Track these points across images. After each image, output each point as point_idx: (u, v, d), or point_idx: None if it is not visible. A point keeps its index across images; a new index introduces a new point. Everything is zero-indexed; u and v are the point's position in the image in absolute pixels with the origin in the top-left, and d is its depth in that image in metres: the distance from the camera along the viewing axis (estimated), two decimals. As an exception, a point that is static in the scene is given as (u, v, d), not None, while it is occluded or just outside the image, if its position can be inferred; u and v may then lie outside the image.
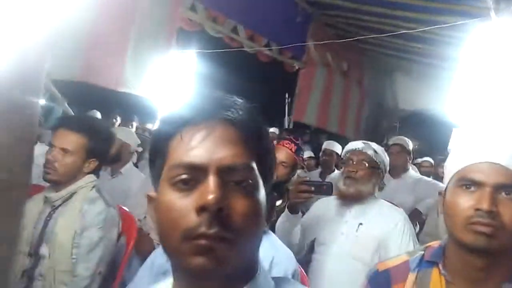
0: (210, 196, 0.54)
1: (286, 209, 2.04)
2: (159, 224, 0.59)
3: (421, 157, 5.49)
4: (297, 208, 2.05)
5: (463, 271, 1.05)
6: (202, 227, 0.54)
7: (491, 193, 0.97)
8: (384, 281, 1.16)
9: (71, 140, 1.75)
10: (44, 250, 1.68)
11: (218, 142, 0.58)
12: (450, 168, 1.09)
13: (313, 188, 1.98)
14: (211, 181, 0.56)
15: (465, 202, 1.00)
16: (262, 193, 0.61)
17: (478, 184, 1.00)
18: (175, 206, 0.57)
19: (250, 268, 0.62)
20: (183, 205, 0.56)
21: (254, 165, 0.60)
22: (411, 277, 1.13)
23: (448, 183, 1.08)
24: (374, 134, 6.18)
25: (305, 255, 2.20)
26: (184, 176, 0.57)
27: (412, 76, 6.15)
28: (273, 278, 0.67)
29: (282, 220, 2.07)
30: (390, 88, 6.60)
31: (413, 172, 3.65)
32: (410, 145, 3.65)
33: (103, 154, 1.88)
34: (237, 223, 0.56)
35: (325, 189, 2.05)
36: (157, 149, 0.62)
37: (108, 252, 1.76)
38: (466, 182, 1.02)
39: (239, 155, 0.58)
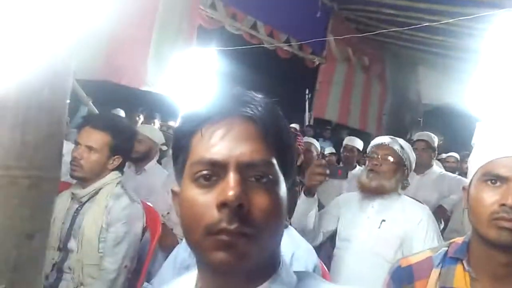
0: (230, 193, 0.55)
1: (302, 192, 2.03)
2: (182, 219, 0.61)
3: (445, 152, 5.37)
4: (313, 191, 2.03)
5: (487, 267, 1.03)
6: (223, 223, 0.55)
7: None
8: (407, 277, 1.15)
9: (96, 138, 1.80)
10: (72, 244, 1.74)
11: (237, 138, 0.59)
12: (474, 163, 1.07)
13: (328, 171, 1.98)
14: (231, 177, 0.57)
15: (490, 197, 0.98)
16: (282, 189, 0.61)
17: (502, 179, 0.98)
18: (197, 202, 0.58)
19: (272, 263, 0.63)
20: (205, 201, 0.57)
21: (274, 161, 0.60)
22: (435, 273, 1.12)
23: (472, 178, 1.07)
24: (397, 129, 6.09)
25: (321, 246, 2.20)
26: (205, 172, 0.58)
27: (436, 70, 6.03)
28: (295, 272, 0.67)
29: (298, 203, 2.06)
30: (413, 83, 6.49)
31: (437, 168, 3.56)
32: (436, 141, 3.56)
33: (126, 151, 1.92)
34: (258, 218, 0.57)
35: (340, 173, 2.04)
36: (179, 146, 0.63)
37: (134, 247, 1.80)
38: (490, 177, 1.00)
39: (258, 151, 0.59)
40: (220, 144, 0.59)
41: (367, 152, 2.21)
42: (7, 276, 0.57)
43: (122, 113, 4.76)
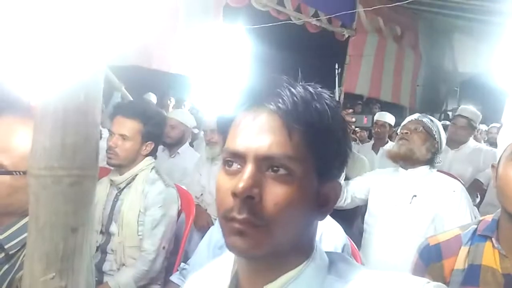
0: (240, 185, 0.58)
1: None
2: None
3: (483, 123, 5.18)
4: None
5: None
6: (234, 212, 0.60)
7: None
8: (435, 255, 1.16)
9: (128, 126, 1.88)
10: (113, 228, 1.85)
11: (259, 130, 0.61)
12: (503, 140, 1.06)
13: (354, 119, 1.99)
14: (246, 169, 0.60)
15: None
16: (303, 183, 0.61)
17: None
18: (221, 187, 0.63)
19: (304, 249, 0.66)
20: (226, 187, 0.61)
21: (298, 155, 0.60)
22: (463, 251, 1.13)
23: (501, 156, 1.06)
24: (432, 100, 5.91)
25: (353, 223, 2.21)
26: (229, 159, 0.63)
27: (472, 36, 5.75)
28: (327, 253, 0.70)
29: None
30: (449, 51, 6.22)
31: (472, 141, 3.44)
32: (479, 119, 3.37)
33: (158, 136, 2.00)
34: (269, 210, 0.59)
35: (365, 121, 2.05)
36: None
37: (170, 228, 1.89)
38: None
39: (278, 144, 0.60)
40: (244, 135, 0.62)
41: (399, 130, 2.20)
42: (57, 266, 0.64)
43: (153, 97, 4.85)
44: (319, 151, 0.62)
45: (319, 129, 0.62)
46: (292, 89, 0.62)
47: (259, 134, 0.61)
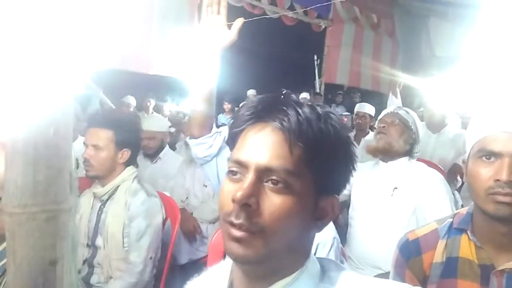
0: (239, 193, 0.62)
1: None
2: None
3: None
4: None
5: (489, 237, 1.07)
6: (232, 216, 0.63)
7: (509, 163, 0.97)
8: (415, 250, 1.19)
9: (100, 136, 1.86)
10: (99, 241, 1.84)
11: (262, 143, 0.65)
12: (470, 138, 1.09)
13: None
14: (247, 179, 0.64)
15: (485, 173, 1.00)
16: (300, 197, 0.64)
17: (496, 155, 1.00)
18: (224, 192, 0.67)
19: (299, 258, 0.69)
20: (229, 192, 0.65)
21: (297, 170, 0.64)
22: (441, 244, 1.16)
23: (469, 153, 1.09)
24: (411, 86, 5.96)
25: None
26: (233, 169, 0.67)
27: (447, 20, 5.82)
28: (318, 260, 0.73)
29: None
30: (425, 36, 6.29)
31: (453, 126, 3.51)
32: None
33: (133, 143, 1.97)
34: (263, 218, 0.63)
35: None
36: (229, 143, 0.73)
37: (156, 238, 1.89)
38: (485, 153, 1.02)
39: (279, 158, 0.64)
40: (248, 147, 0.67)
41: (376, 124, 2.24)
42: (37, 300, 0.65)
43: (133, 100, 4.79)
44: (318, 168, 0.65)
45: (321, 148, 0.65)
46: (298, 109, 0.66)
47: (262, 147, 0.65)
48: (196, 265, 2.52)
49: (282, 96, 0.69)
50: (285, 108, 0.65)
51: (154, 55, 3.74)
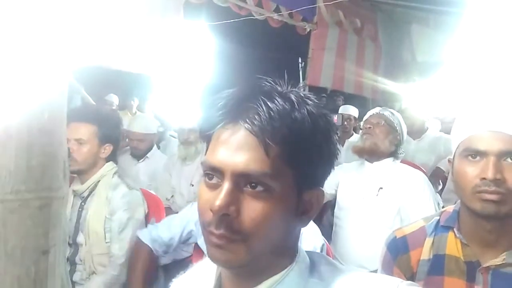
0: (217, 203, 0.59)
1: None
2: None
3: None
4: None
5: (476, 234, 1.09)
6: (212, 226, 0.61)
7: (494, 162, 0.99)
8: (402, 248, 1.21)
9: (83, 130, 1.85)
10: (80, 238, 1.82)
11: (237, 147, 0.61)
12: (455, 137, 1.11)
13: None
14: (224, 187, 0.61)
15: (471, 171, 1.03)
16: (281, 198, 0.62)
17: (481, 154, 1.02)
18: (201, 198, 0.64)
19: (287, 255, 0.67)
20: (206, 200, 0.62)
21: (276, 171, 0.60)
22: (428, 242, 1.18)
23: (455, 152, 1.11)
24: (392, 91, 6.06)
25: (323, 215, 2.25)
26: (208, 173, 0.64)
27: (429, 26, 5.94)
28: (308, 254, 0.71)
29: None
30: (407, 41, 6.41)
31: (433, 130, 3.59)
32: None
33: (115, 138, 1.97)
34: (246, 226, 0.60)
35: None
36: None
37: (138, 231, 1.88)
38: (470, 152, 1.04)
39: (256, 162, 0.60)
40: (222, 151, 0.62)
41: (362, 125, 2.27)
42: (29, 290, 0.62)
43: (115, 98, 4.72)
44: (298, 163, 0.62)
45: (298, 142, 0.61)
46: (269, 103, 0.61)
47: (236, 151, 0.61)
48: (181, 265, 2.49)
49: (251, 90, 0.64)
50: (255, 106, 0.61)
51: (138, 53, 3.69)
